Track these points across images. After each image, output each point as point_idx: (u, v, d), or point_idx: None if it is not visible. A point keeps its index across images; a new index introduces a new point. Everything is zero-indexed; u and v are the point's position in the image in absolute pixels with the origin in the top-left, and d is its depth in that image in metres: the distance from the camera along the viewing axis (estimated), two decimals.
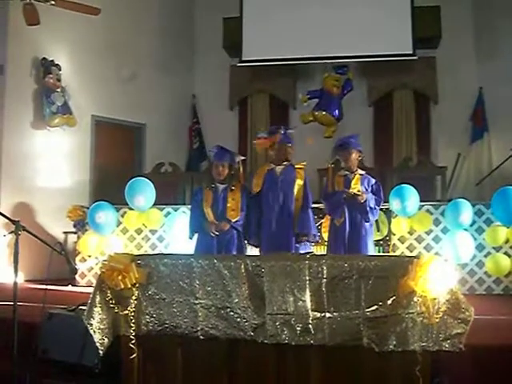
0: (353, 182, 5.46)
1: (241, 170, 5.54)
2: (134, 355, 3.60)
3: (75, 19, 8.13)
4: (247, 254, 5.41)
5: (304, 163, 5.45)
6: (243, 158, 5.75)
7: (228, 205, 5.25)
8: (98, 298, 3.60)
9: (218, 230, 5.20)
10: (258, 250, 5.44)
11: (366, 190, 5.45)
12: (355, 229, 5.39)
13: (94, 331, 3.55)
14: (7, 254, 7.74)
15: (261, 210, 5.34)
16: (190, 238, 5.50)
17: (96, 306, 3.58)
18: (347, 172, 5.54)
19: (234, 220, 5.23)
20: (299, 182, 5.34)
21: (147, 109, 10.15)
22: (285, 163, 5.41)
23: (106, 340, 3.58)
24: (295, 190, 5.30)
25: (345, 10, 9.77)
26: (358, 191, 5.36)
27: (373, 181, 5.54)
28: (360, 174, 5.53)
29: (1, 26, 8.33)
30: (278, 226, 5.24)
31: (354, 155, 5.51)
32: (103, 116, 9.63)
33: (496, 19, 9.72)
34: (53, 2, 7.16)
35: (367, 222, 5.41)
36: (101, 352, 3.58)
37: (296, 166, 5.40)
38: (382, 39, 9.58)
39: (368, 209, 5.36)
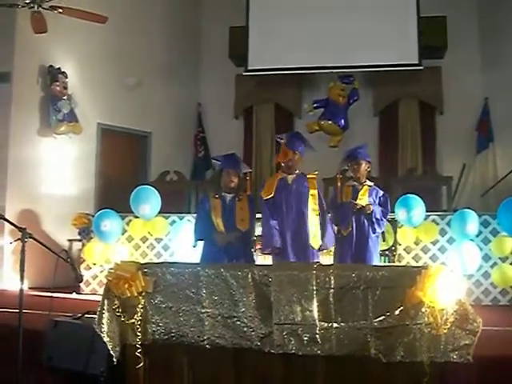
0: (360, 193, 5.42)
1: (247, 179, 5.51)
2: (141, 364, 3.59)
3: (82, 27, 8.15)
4: (256, 263, 5.35)
5: (316, 173, 5.34)
6: (250, 170, 5.71)
7: (237, 214, 5.20)
8: (106, 306, 3.58)
9: (229, 241, 5.14)
10: (266, 259, 5.37)
11: (374, 201, 5.42)
12: (362, 239, 5.35)
13: (108, 339, 3.52)
14: (12, 261, 7.75)
15: (272, 217, 5.22)
16: (194, 247, 5.44)
17: (105, 314, 3.57)
18: (355, 183, 5.51)
19: (243, 229, 5.18)
20: (313, 192, 5.20)
21: (153, 117, 10.18)
22: (296, 172, 5.28)
23: (118, 348, 3.57)
24: (310, 200, 5.17)
25: (351, 19, 9.77)
26: (366, 203, 5.34)
27: (381, 193, 5.51)
28: (368, 186, 5.50)
29: (8, 34, 8.36)
30: (292, 235, 5.13)
31: (364, 166, 5.48)
32: (109, 124, 9.65)
33: (502, 30, 9.73)
34: (60, 11, 7.18)
35: (374, 233, 5.38)
36: (115, 360, 3.55)
37: (308, 176, 5.29)
38: (388, 49, 9.60)
39: (374, 219, 5.34)
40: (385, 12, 9.69)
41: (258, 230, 5.42)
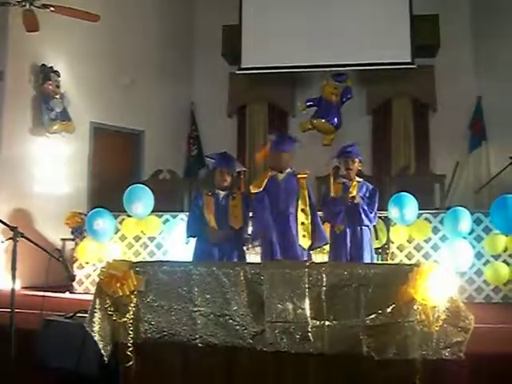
0: (350, 189, 5.46)
1: (241, 178, 5.50)
2: (132, 363, 3.58)
3: (74, 26, 8.13)
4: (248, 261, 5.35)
5: (307, 172, 5.36)
6: (244, 169, 5.72)
7: (230, 212, 5.20)
8: (97, 305, 3.58)
9: (221, 238, 5.14)
10: (258, 257, 5.38)
11: (363, 196, 5.47)
12: (355, 237, 5.39)
13: (99, 338, 3.52)
14: (4, 261, 7.71)
15: (262, 213, 5.25)
16: (186, 243, 5.44)
17: (97, 313, 3.56)
18: (345, 180, 5.56)
19: (237, 227, 5.18)
20: (303, 192, 5.23)
21: (146, 116, 10.15)
22: (287, 171, 5.32)
23: (109, 347, 3.56)
24: (300, 200, 5.21)
25: (344, 18, 9.77)
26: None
27: (370, 187, 5.59)
28: (357, 182, 5.56)
29: (0, 33, 8.33)
30: (280, 233, 5.15)
31: (356, 164, 5.56)
32: (102, 122, 9.62)
33: (495, 28, 9.73)
34: (52, 9, 7.16)
35: (362, 225, 5.41)
36: (106, 359, 3.55)
37: (298, 176, 5.31)
38: (381, 48, 9.57)
39: (361, 210, 5.37)
40: (378, 11, 9.68)
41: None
